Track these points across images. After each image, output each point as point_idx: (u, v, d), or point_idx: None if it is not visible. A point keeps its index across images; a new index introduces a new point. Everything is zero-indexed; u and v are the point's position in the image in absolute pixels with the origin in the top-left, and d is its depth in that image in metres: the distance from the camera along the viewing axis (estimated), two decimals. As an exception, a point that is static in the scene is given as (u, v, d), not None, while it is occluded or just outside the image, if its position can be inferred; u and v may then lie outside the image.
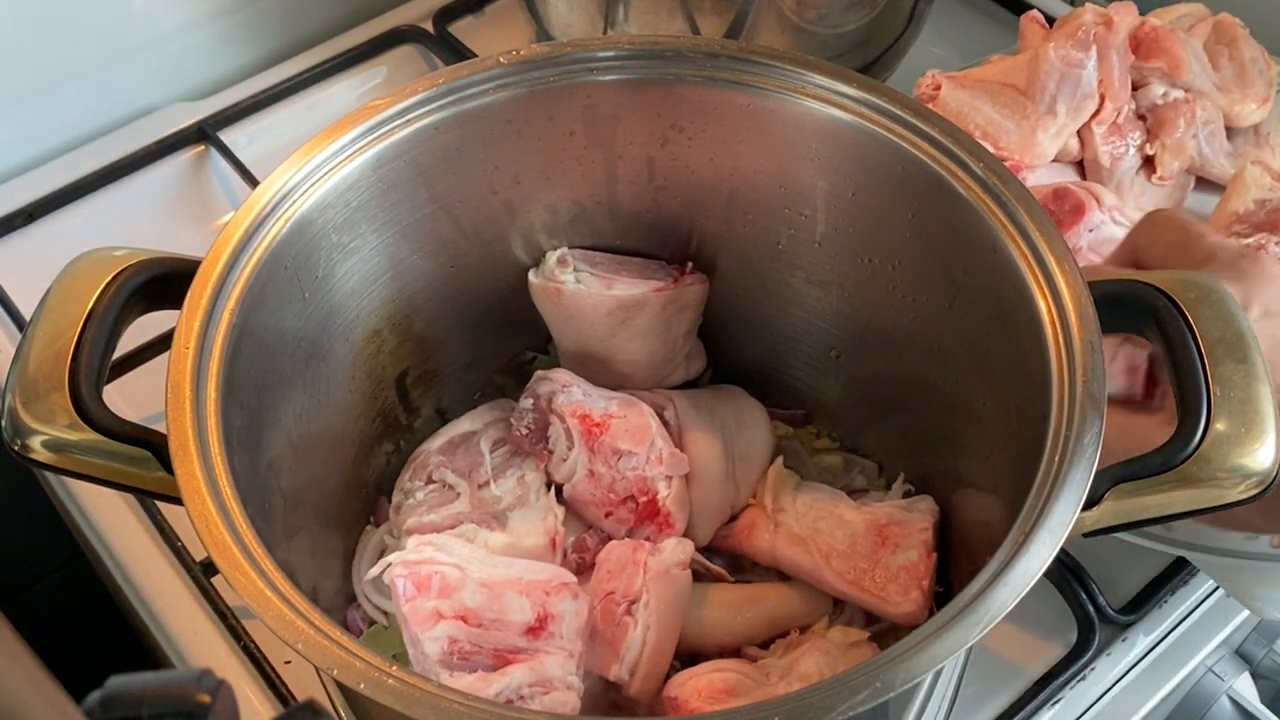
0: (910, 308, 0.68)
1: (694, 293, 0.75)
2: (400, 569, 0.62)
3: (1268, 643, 0.86)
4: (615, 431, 0.69)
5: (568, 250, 0.73)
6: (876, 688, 0.45)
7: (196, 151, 0.99)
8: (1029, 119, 0.83)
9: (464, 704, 0.45)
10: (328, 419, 0.68)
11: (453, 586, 0.61)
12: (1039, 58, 0.83)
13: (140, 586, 0.77)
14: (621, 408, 0.71)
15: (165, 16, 1.02)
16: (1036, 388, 0.55)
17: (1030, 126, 0.83)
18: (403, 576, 0.61)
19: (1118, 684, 0.74)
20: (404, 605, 0.60)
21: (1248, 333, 0.55)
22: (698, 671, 0.63)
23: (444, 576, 0.62)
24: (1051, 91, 0.83)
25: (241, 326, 0.57)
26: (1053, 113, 0.83)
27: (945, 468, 0.70)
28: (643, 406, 0.72)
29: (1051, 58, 0.82)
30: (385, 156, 0.64)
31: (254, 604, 0.48)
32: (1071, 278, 0.56)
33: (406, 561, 0.62)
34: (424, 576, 0.61)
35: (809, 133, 0.66)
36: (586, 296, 0.72)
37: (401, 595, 0.61)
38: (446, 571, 0.62)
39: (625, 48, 0.66)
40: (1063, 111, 0.83)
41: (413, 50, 1.07)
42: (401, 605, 0.61)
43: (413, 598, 0.61)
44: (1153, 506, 0.53)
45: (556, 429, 0.71)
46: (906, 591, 0.65)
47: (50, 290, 0.57)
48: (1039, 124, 0.83)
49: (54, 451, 0.54)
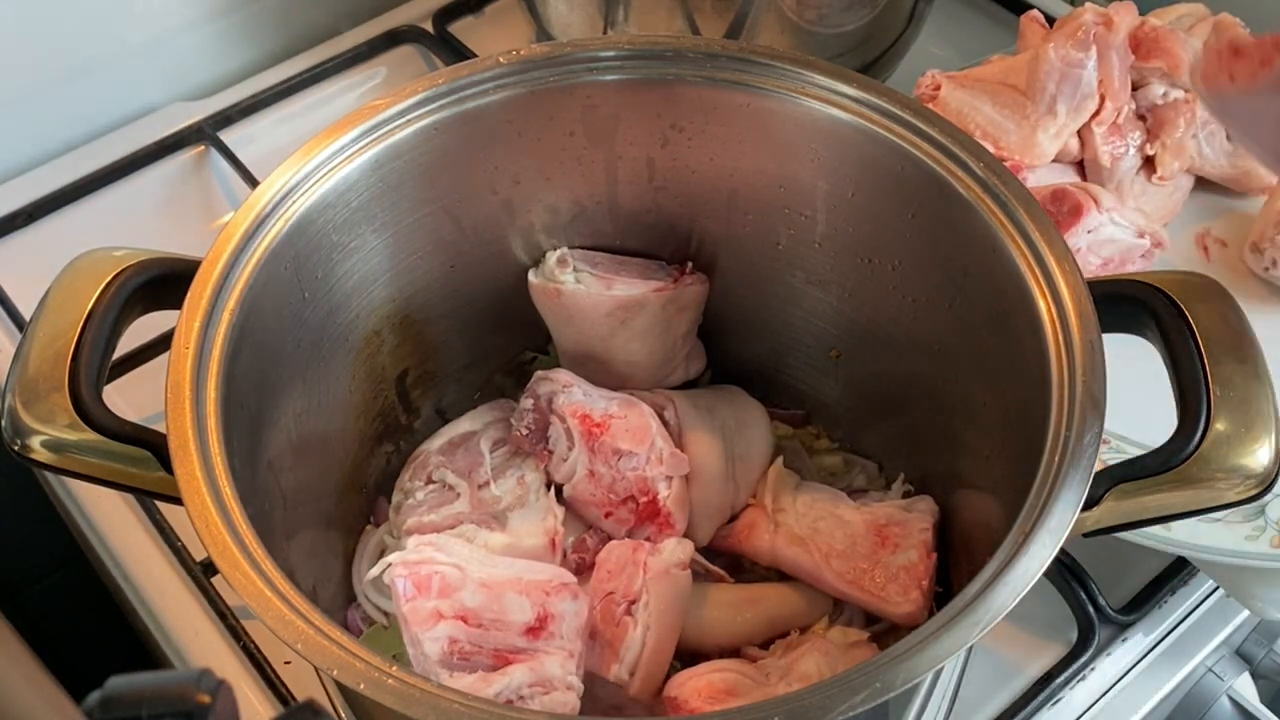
0: (910, 308, 0.68)
1: (694, 293, 0.75)
2: (400, 569, 0.62)
3: (1268, 643, 0.86)
4: (615, 432, 0.69)
5: (568, 250, 0.73)
6: (876, 688, 0.45)
7: (196, 151, 0.99)
8: (1029, 119, 0.83)
9: (464, 704, 0.45)
10: (328, 419, 0.68)
11: (453, 586, 0.61)
12: (1039, 58, 0.82)
13: (140, 586, 0.77)
14: (622, 408, 0.71)
15: (165, 16, 1.02)
16: (1036, 388, 0.55)
17: (1030, 126, 0.83)
18: (403, 576, 0.61)
19: (1118, 684, 0.74)
20: (404, 605, 0.60)
21: (1248, 332, 0.55)
22: (697, 672, 0.63)
23: (444, 576, 0.62)
24: (1051, 91, 0.82)
25: (241, 326, 0.57)
26: (1053, 113, 0.83)
27: (945, 468, 0.70)
28: (643, 407, 0.72)
29: (1051, 58, 0.82)
30: (385, 157, 0.64)
31: (254, 604, 0.48)
32: (1071, 278, 0.56)
33: (406, 561, 0.62)
34: (424, 576, 0.61)
35: (809, 133, 0.66)
36: (586, 297, 0.72)
37: (402, 595, 0.61)
38: (446, 571, 0.62)
39: (625, 48, 0.66)
40: (1063, 111, 0.83)
41: (412, 50, 1.07)
42: (402, 605, 0.61)
43: (413, 598, 0.61)
44: (1152, 506, 0.53)
45: (557, 429, 0.71)
46: (906, 591, 0.65)
47: (50, 290, 0.57)
48: (1039, 124, 0.83)
49: (54, 451, 0.54)
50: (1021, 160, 0.83)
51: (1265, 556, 0.69)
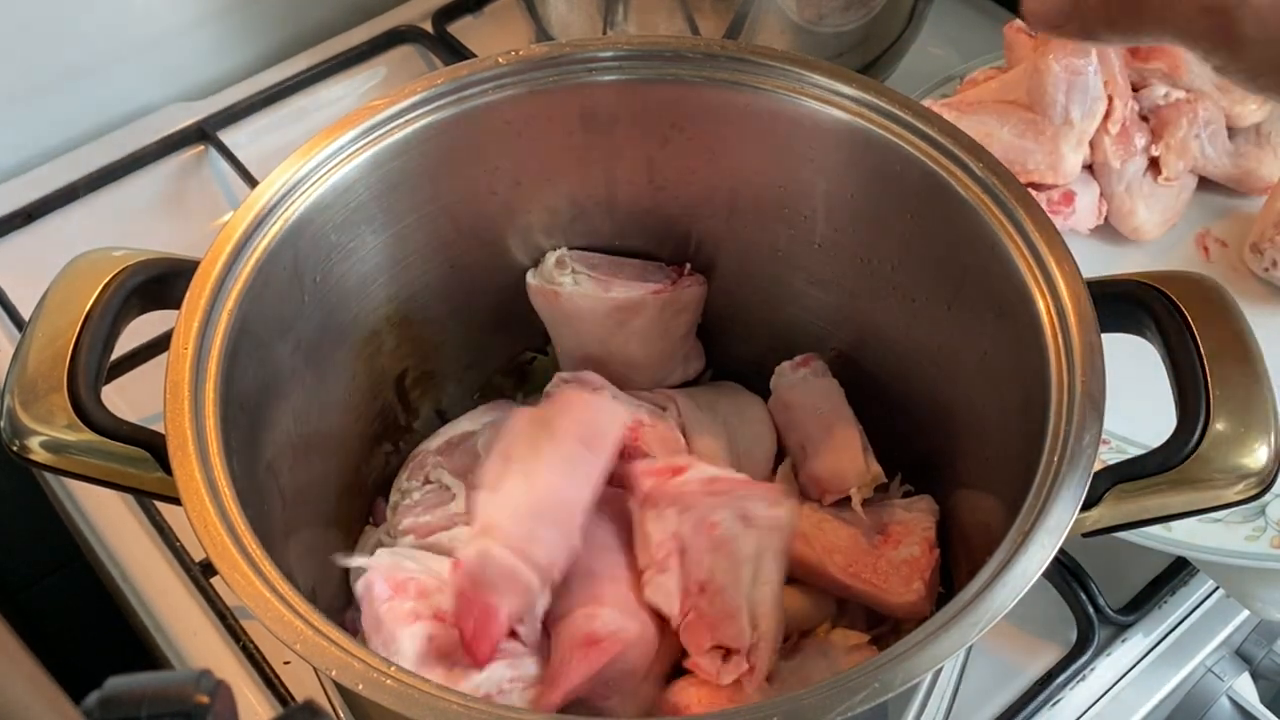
0: (910, 308, 0.68)
1: (692, 294, 0.75)
2: (376, 573, 0.61)
3: (1268, 643, 0.86)
4: (648, 440, 0.69)
5: (566, 252, 0.73)
6: (875, 688, 0.45)
7: (196, 151, 0.99)
8: (1046, 134, 0.82)
9: (463, 704, 0.45)
10: (327, 419, 0.68)
11: (429, 590, 0.61)
12: (1041, 70, 0.82)
13: (140, 587, 0.77)
14: (650, 416, 0.71)
15: (165, 16, 1.02)
16: (1036, 388, 0.55)
17: (1051, 142, 0.82)
18: (379, 579, 0.61)
19: (1118, 684, 0.73)
20: (380, 606, 0.60)
21: (1248, 333, 0.55)
22: (697, 677, 0.62)
23: (420, 582, 0.61)
24: (1063, 102, 0.82)
25: (241, 327, 0.57)
26: (1069, 122, 0.82)
27: (945, 468, 0.70)
28: (663, 415, 0.72)
29: (1055, 69, 0.81)
30: (385, 156, 0.64)
31: (252, 605, 0.48)
32: (1071, 278, 0.56)
33: (380, 567, 0.62)
34: (400, 580, 0.61)
35: (809, 133, 0.66)
36: (584, 299, 0.72)
37: (378, 597, 0.60)
38: (422, 578, 0.62)
39: (625, 48, 0.66)
40: (1078, 118, 0.82)
41: (412, 50, 1.07)
42: (378, 607, 0.60)
43: (389, 598, 0.60)
44: (1152, 506, 0.53)
45: None
46: (908, 582, 0.65)
47: (49, 290, 0.57)
48: (1060, 137, 0.82)
49: (53, 452, 0.54)
50: (1055, 178, 0.83)
51: (1265, 557, 0.69)
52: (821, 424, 0.72)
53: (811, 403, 0.73)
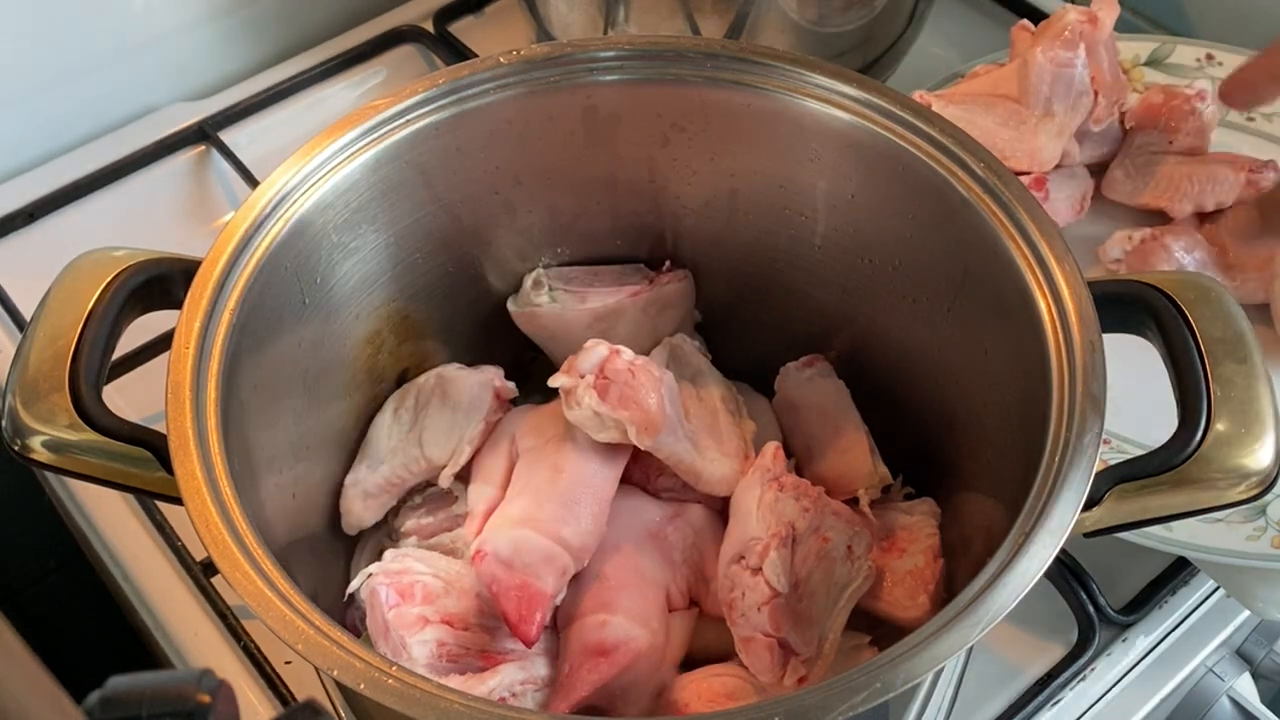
0: (910, 308, 0.68)
1: (674, 291, 0.74)
2: (381, 578, 0.61)
3: (1268, 643, 0.86)
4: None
5: (542, 271, 0.73)
6: (876, 688, 0.45)
7: (196, 151, 0.99)
8: (1027, 124, 0.83)
9: (464, 704, 0.45)
10: (328, 419, 0.68)
11: (435, 594, 0.61)
12: (1028, 63, 0.82)
13: (140, 586, 0.77)
14: None
15: (165, 16, 1.02)
16: (1036, 388, 0.55)
17: (1031, 130, 0.83)
18: (384, 585, 0.61)
19: (1118, 684, 0.74)
20: (388, 613, 0.60)
21: (1248, 333, 0.55)
22: (697, 676, 0.62)
23: (426, 585, 0.61)
24: (1045, 93, 0.82)
25: (241, 327, 0.57)
26: (1050, 114, 0.83)
27: (945, 468, 0.70)
28: None
29: (1041, 61, 0.82)
30: (385, 157, 0.64)
31: (254, 604, 0.48)
32: (1072, 278, 0.56)
33: (387, 571, 0.62)
34: (406, 585, 0.61)
35: (809, 133, 0.66)
36: (562, 315, 0.72)
37: (385, 603, 0.60)
38: (428, 581, 0.62)
39: (625, 48, 0.66)
40: (1060, 110, 0.83)
41: (413, 50, 1.07)
42: (385, 613, 0.60)
43: (397, 604, 0.60)
44: (1153, 507, 0.53)
45: None
46: (913, 595, 0.65)
47: (50, 290, 0.57)
48: (1039, 126, 0.83)
49: (54, 452, 0.54)
50: (1030, 165, 0.83)
51: (1266, 557, 0.69)
52: (828, 425, 0.72)
53: (817, 403, 0.73)
